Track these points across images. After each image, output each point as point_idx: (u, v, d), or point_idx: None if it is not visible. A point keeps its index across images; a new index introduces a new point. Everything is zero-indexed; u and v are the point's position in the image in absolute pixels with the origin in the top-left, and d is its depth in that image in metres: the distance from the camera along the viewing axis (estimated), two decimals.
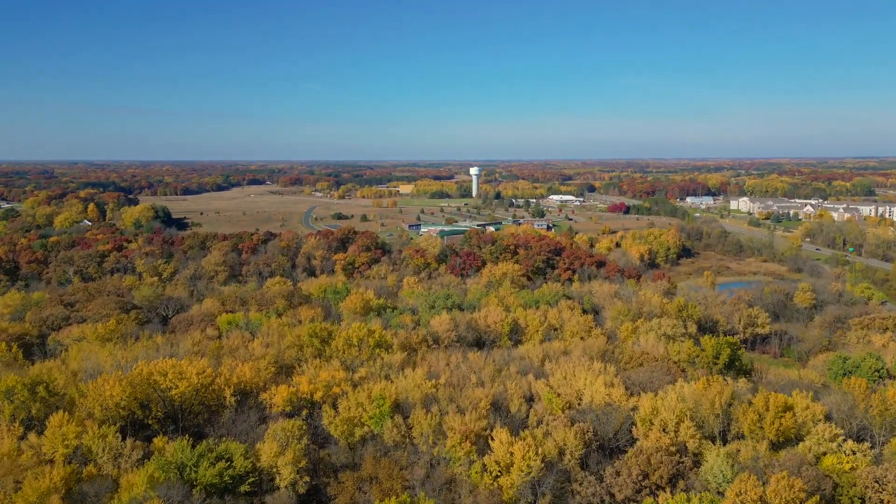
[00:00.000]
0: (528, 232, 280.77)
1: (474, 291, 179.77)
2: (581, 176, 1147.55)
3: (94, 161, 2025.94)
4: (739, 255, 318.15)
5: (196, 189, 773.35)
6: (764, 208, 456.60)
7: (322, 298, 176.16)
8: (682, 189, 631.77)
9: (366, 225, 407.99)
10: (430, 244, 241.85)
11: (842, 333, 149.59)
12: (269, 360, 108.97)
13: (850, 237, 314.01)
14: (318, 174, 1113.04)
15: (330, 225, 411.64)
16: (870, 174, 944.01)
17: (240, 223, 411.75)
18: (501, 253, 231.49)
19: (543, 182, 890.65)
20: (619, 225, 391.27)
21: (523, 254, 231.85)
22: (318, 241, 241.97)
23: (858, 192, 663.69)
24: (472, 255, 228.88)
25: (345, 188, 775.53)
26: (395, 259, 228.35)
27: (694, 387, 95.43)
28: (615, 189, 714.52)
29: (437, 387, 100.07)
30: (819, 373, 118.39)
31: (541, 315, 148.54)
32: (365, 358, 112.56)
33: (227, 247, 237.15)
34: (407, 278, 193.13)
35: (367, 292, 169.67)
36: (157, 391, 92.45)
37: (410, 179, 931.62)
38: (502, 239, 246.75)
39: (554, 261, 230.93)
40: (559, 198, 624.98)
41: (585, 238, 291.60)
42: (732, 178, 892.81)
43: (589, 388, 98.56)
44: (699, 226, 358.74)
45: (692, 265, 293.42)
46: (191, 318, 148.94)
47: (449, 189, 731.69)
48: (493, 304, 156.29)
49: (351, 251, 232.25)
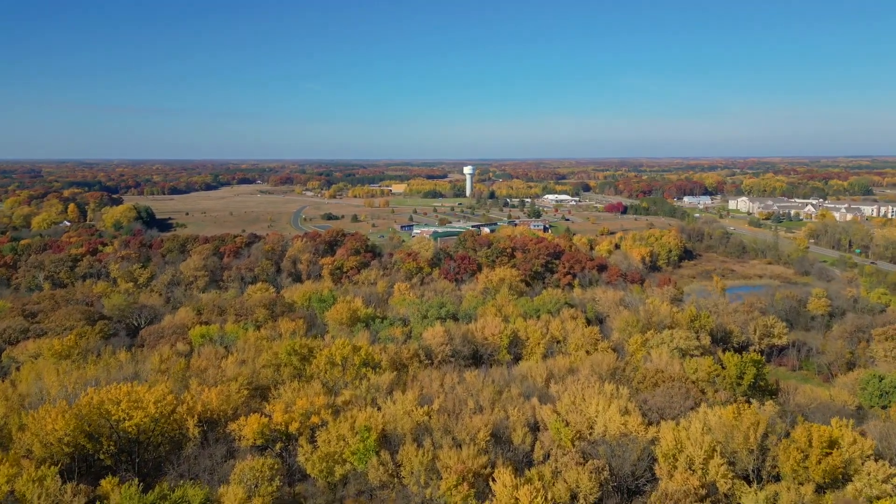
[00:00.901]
0: (525, 234, 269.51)
1: (470, 299, 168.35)
2: (575, 175, 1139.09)
3: (85, 160, 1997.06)
4: (742, 256, 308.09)
5: (184, 188, 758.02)
6: (764, 208, 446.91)
7: (306, 307, 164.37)
8: (678, 188, 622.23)
9: (356, 226, 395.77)
10: (423, 247, 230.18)
11: (865, 345, 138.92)
12: (241, 381, 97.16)
13: (856, 238, 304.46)
14: (310, 173, 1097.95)
15: (319, 226, 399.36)
16: (865, 173, 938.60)
17: (226, 224, 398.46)
18: (498, 256, 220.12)
19: (538, 181, 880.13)
20: (618, 226, 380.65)
21: (521, 257, 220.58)
22: (305, 243, 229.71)
23: (856, 192, 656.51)
24: (467, 259, 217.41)
25: (336, 188, 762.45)
26: (385, 263, 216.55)
27: (720, 414, 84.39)
28: (611, 188, 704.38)
29: (430, 414, 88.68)
30: (850, 392, 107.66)
31: (542, 326, 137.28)
32: (349, 379, 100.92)
33: (208, 250, 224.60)
34: (398, 284, 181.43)
35: (354, 301, 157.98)
36: (108, 423, 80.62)
37: (403, 179, 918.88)
38: (498, 241, 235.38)
39: (553, 264, 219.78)
40: (554, 197, 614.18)
41: (584, 240, 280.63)
42: (728, 177, 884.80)
43: (602, 415, 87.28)
44: (700, 226, 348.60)
45: (695, 268, 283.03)
46: (162, 331, 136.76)
47: (442, 188, 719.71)
48: (491, 313, 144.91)
49: (339, 255, 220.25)
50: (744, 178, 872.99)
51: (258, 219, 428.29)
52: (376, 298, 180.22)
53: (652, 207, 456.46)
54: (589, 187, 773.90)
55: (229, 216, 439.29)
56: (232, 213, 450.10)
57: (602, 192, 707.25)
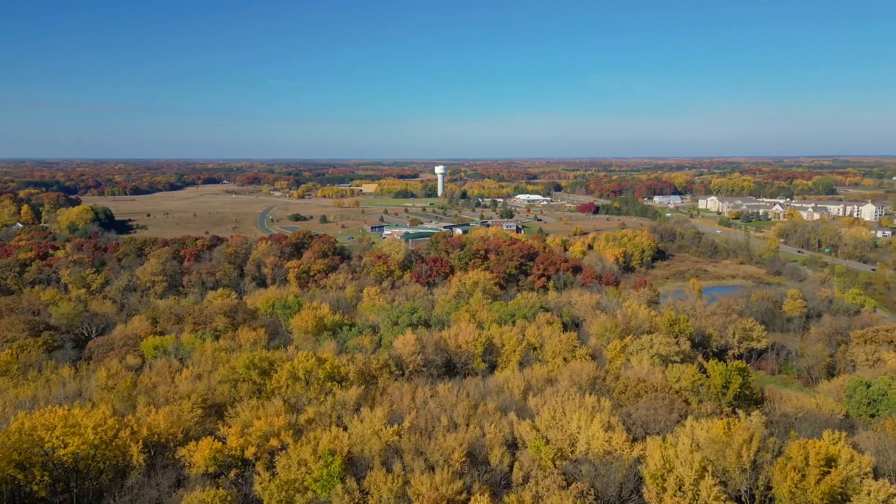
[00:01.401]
0: (498, 235, 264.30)
1: (443, 303, 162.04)
2: (546, 175, 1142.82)
3: (45, 160, 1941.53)
4: (714, 256, 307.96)
5: (147, 189, 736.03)
6: (733, 208, 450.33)
7: (270, 314, 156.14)
8: (649, 188, 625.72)
9: (325, 227, 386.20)
10: (394, 249, 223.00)
11: (845, 348, 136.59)
12: (195, 399, 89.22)
13: (824, 238, 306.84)
14: (279, 173, 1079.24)
15: (287, 227, 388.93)
16: (828, 173, 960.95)
17: (189, 226, 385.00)
18: (471, 259, 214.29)
19: (509, 181, 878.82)
20: (591, 226, 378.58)
21: (494, 259, 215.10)
22: (270, 246, 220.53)
23: (821, 191, 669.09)
24: (440, 262, 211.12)
25: (305, 188, 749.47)
26: (354, 266, 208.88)
27: (708, 428, 79.60)
28: (582, 188, 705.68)
29: (400, 433, 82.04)
30: (836, 399, 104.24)
31: (518, 332, 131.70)
32: (313, 395, 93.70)
33: (167, 254, 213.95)
34: (367, 289, 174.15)
35: (321, 307, 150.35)
36: (41, 451, 72.24)
37: (374, 179, 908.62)
38: (471, 243, 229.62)
39: (527, 266, 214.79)
40: (526, 197, 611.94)
41: (558, 241, 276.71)
42: (696, 176, 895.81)
43: (584, 431, 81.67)
44: (672, 226, 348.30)
45: (668, 268, 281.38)
46: (112, 342, 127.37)
47: (414, 188, 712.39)
48: (465, 319, 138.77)
49: (306, 258, 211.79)
50: (712, 177, 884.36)
51: (223, 220, 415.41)
52: (344, 304, 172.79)
53: (624, 207, 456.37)
54: (560, 187, 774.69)
55: (193, 217, 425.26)
56: (196, 215, 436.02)
57: (573, 192, 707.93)
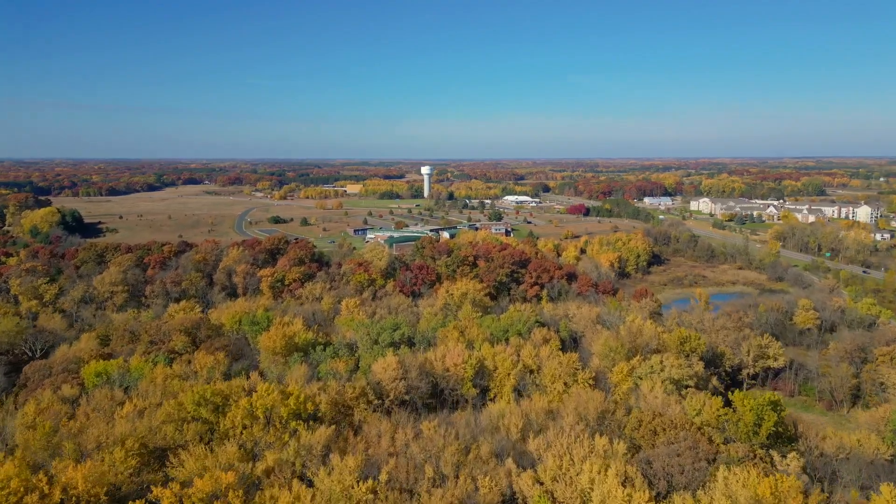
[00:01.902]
0: (487, 240, 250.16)
1: (428, 317, 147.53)
2: (533, 175, 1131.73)
3: (23, 159, 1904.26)
4: (711, 261, 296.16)
5: (123, 189, 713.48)
6: (726, 209, 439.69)
7: (236, 330, 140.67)
8: (638, 189, 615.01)
9: (306, 230, 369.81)
10: (376, 255, 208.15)
11: (871, 367, 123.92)
12: (131, 446, 74.03)
13: (824, 241, 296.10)
14: (262, 173, 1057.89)
15: (265, 230, 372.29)
16: (815, 174, 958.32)
17: (162, 228, 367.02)
18: (459, 266, 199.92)
19: (496, 182, 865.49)
20: (582, 229, 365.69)
21: (484, 266, 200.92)
22: (242, 253, 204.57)
23: (810, 192, 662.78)
24: (426, 269, 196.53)
25: (287, 188, 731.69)
26: (333, 274, 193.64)
27: (744, 480, 66.19)
28: (570, 189, 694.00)
29: (376, 490, 67.85)
30: (877, 434, 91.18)
31: (512, 352, 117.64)
32: (274, 439, 78.89)
33: (129, 261, 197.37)
34: (346, 300, 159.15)
35: (293, 323, 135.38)
36: None
37: (359, 179, 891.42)
38: (459, 249, 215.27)
39: (519, 274, 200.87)
40: (515, 198, 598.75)
41: (550, 245, 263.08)
42: (684, 177, 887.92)
43: (598, 486, 67.81)
44: (666, 229, 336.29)
45: (665, 273, 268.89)
46: (50, 367, 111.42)
47: (399, 189, 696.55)
48: (453, 338, 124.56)
49: (280, 265, 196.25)
50: (700, 178, 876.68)
51: (199, 222, 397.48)
52: (321, 317, 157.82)
53: (615, 209, 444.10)
54: (548, 188, 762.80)
55: (167, 220, 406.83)
56: (171, 217, 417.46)
57: (562, 193, 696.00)
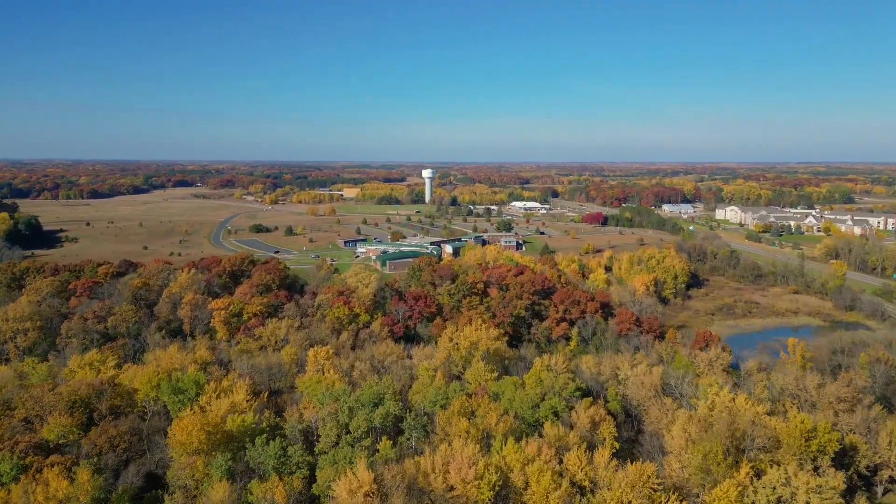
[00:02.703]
0: (499, 259, 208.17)
1: (425, 379, 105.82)
2: (539, 179, 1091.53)
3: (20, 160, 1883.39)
4: (758, 282, 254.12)
5: (107, 192, 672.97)
6: (759, 219, 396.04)
7: (153, 400, 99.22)
8: (656, 196, 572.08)
9: (290, 241, 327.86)
10: (362, 280, 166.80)
11: None
12: None
13: (890, 259, 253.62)
14: (258, 175, 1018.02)
15: (244, 241, 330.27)
16: (835, 179, 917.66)
17: (129, 238, 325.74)
18: (466, 296, 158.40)
19: (501, 186, 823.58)
20: (604, 241, 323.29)
21: (497, 297, 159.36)
22: (193, 277, 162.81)
23: (837, 200, 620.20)
24: (424, 299, 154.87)
25: (282, 191, 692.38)
26: (306, 306, 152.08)
27: None
28: (581, 194, 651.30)
29: None
30: None
31: (551, 456, 76.41)
32: None
33: (50, 287, 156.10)
34: (314, 350, 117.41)
35: (234, 390, 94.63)
36: None
37: (358, 182, 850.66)
38: (466, 272, 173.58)
39: (541, 306, 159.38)
40: (523, 204, 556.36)
41: (574, 266, 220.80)
42: (698, 182, 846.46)
43: None
44: (700, 243, 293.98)
45: (708, 299, 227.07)
46: None
47: (399, 193, 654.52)
48: (460, 428, 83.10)
49: (240, 294, 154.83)
50: (714, 183, 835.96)
51: (173, 230, 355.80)
52: (280, 373, 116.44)
53: (636, 218, 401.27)
54: (557, 193, 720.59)
55: (138, 227, 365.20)
56: (142, 224, 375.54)
57: (572, 199, 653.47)
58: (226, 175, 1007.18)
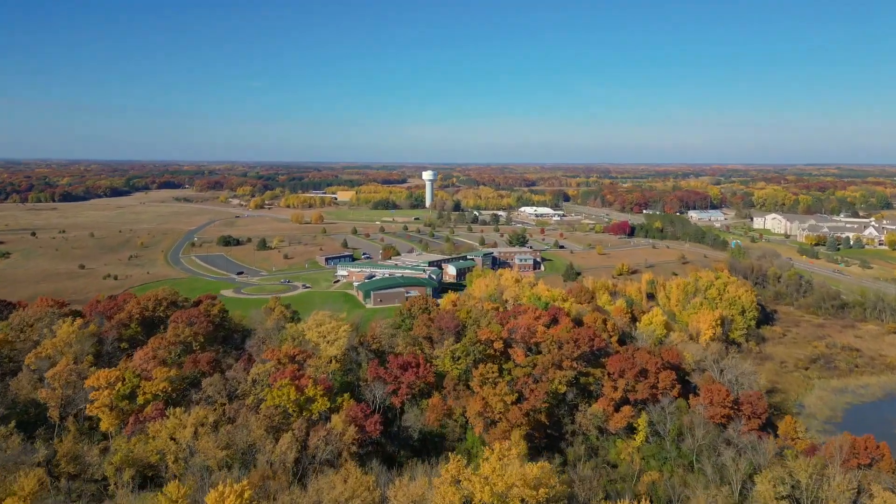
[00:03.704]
0: (520, 296, 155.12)
1: None
2: (546, 181, 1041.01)
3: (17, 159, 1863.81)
4: (839, 314, 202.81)
5: (82, 195, 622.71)
6: (809, 230, 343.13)
7: None
8: (680, 200, 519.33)
9: (262, 256, 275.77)
10: (327, 334, 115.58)
11: None
12: None
13: None
14: (252, 177, 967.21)
15: (206, 257, 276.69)
16: (861, 182, 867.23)
17: (71, 253, 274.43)
18: (478, 363, 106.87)
19: (507, 188, 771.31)
20: (638, 258, 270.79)
21: (524, 363, 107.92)
22: (77, 333, 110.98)
23: (874, 206, 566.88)
24: (416, 368, 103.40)
25: (271, 194, 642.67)
26: (234, 382, 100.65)
27: None
28: (595, 199, 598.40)
29: None
30: None
31: None
32: None
33: None
34: (215, 493, 65.92)
35: None
36: None
37: (357, 184, 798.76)
38: (477, 323, 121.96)
39: (589, 377, 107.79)
40: (533, 210, 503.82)
41: (620, 304, 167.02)
42: (716, 185, 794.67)
43: None
44: (758, 263, 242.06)
45: (789, 342, 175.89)
46: None
47: (397, 197, 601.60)
48: None
49: (139, 359, 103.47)
50: (731, 185, 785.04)
51: (127, 243, 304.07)
52: None
53: (668, 228, 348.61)
54: (568, 196, 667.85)
55: (89, 238, 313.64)
56: (94, 235, 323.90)
57: (586, 203, 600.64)
58: (217, 176, 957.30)
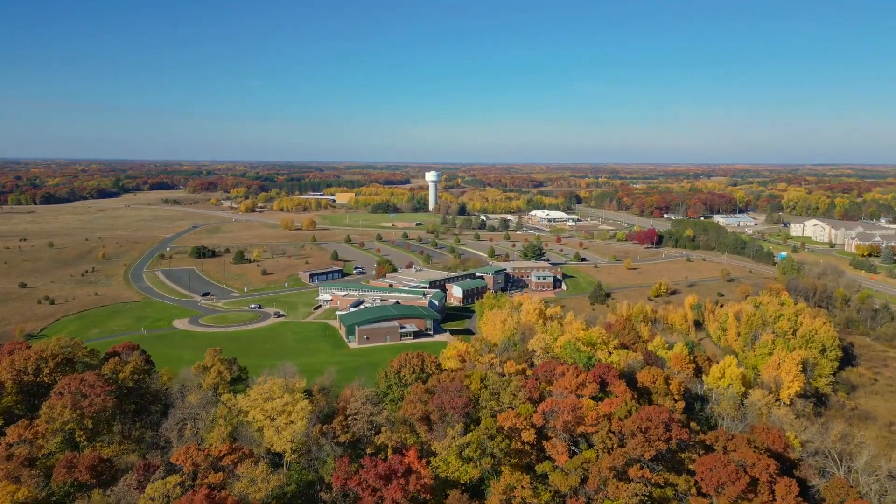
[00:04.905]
0: (550, 350, 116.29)
1: None
2: (554, 182, 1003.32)
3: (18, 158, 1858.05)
4: None
5: (66, 196, 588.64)
6: (860, 238, 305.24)
7: None
8: (703, 204, 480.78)
9: (237, 271, 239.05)
10: (281, 415, 79.27)
11: None
12: None
13: None
14: (251, 177, 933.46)
15: (173, 272, 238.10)
16: (885, 183, 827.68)
17: (21, 266, 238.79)
18: (499, 464, 70.09)
19: (514, 189, 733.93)
20: (676, 274, 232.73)
21: (566, 465, 70.95)
22: None
23: None
24: (401, 478, 66.72)
25: (265, 195, 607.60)
26: (129, 494, 64.67)
27: None
28: (611, 201, 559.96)
29: None
30: None
31: None
32: None
33: None
34: None
35: None
36: None
37: (358, 184, 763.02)
38: (496, 397, 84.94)
39: (667, 490, 70.68)
40: (545, 214, 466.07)
41: (680, 351, 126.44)
42: (730, 186, 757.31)
43: None
44: (823, 284, 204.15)
45: (884, 388, 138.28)
46: None
47: (399, 199, 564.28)
48: None
49: None
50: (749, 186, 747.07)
51: (88, 254, 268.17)
52: None
53: (700, 236, 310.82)
54: (580, 199, 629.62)
55: (47, 248, 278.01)
56: (52, 244, 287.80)
57: (600, 206, 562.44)
58: (213, 177, 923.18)
